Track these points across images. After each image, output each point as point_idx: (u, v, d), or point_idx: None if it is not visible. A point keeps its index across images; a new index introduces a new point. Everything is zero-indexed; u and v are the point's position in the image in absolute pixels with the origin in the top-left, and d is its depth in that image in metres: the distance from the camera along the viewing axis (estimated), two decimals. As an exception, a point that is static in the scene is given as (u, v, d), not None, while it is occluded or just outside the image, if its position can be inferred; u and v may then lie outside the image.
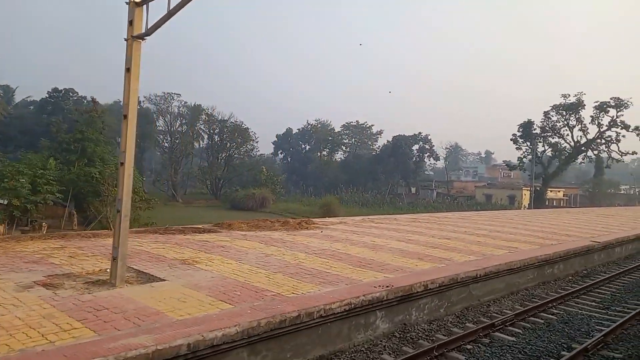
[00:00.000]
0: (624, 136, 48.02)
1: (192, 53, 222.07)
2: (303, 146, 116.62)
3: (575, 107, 48.41)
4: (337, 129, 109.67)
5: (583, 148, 49.66)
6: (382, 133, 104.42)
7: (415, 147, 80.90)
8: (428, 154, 79.53)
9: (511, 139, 52.11)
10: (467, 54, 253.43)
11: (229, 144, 68.93)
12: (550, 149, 50.92)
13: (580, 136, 49.77)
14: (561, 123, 49.61)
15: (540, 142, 50.69)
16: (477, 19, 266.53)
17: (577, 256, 14.48)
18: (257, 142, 73.56)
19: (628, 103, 47.03)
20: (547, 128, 50.11)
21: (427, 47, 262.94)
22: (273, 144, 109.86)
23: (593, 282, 12.90)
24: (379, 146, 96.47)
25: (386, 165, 77.34)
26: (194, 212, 47.20)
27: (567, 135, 50.00)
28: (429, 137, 78.95)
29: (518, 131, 51.38)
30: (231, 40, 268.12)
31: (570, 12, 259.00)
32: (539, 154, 50.08)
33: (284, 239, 12.85)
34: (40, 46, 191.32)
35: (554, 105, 50.69)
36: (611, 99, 47.99)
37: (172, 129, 65.16)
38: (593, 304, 10.81)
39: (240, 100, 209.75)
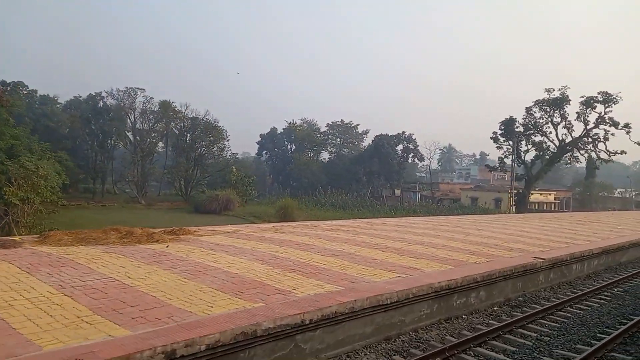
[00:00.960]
0: (612, 134, 44.59)
1: (178, 49, 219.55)
2: (289, 146, 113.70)
3: (559, 103, 44.85)
4: (324, 129, 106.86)
5: (568, 147, 46.05)
6: (368, 133, 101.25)
7: (400, 147, 77.62)
8: (412, 154, 76.11)
9: (491, 138, 48.68)
10: (465, 54, 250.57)
11: (199, 143, 65.53)
12: (533, 149, 47.49)
13: (565, 134, 46.49)
14: (544, 120, 46.27)
15: (523, 140, 47.17)
16: (476, 19, 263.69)
17: (511, 278, 11.11)
18: (227, 141, 70.21)
19: (617, 98, 43.60)
20: (530, 125, 46.50)
21: (425, 47, 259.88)
22: (257, 143, 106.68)
23: (520, 316, 9.53)
24: (365, 146, 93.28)
25: (368, 166, 73.98)
26: (135, 215, 43.67)
27: (551, 133, 46.69)
28: (413, 137, 75.66)
29: (500, 129, 47.91)
30: (224, 38, 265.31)
31: (570, 11, 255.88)
32: (521, 153, 46.69)
33: (59, 259, 9.45)
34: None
35: (536, 100, 47.38)
36: (599, 93, 44.50)
37: (135, 126, 61.75)
38: (500, 357, 7.45)
39: (234, 100, 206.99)
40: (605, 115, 43.87)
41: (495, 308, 10.42)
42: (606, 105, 43.74)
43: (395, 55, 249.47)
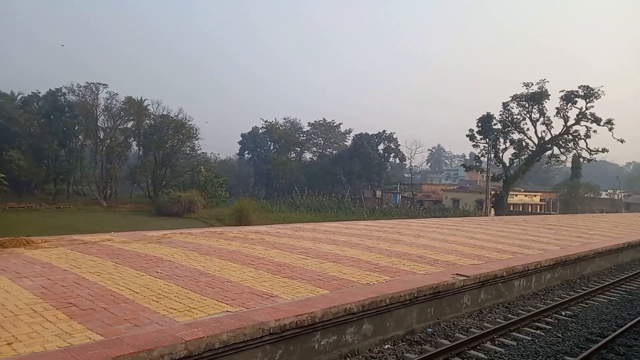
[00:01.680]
0: (594, 131, 42.22)
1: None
2: (272, 146, 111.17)
3: (538, 98, 42.42)
4: (307, 128, 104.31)
5: (548, 145, 43.58)
6: (350, 132, 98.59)
7: (381, 147, 75.10)
8: (393, 154, 73.63)
9: (468, 136, 46.10)
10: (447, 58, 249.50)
11: (168, 142, 62.64)
12: (512, 147, 45.01)
13: (544, 131, 43.99)
14: (522, 116, 43.61)
15: (501, 138, 44.63)
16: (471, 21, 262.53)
17: (417, 303, 8.56)
18: (197, 140, 67.32)
19: (599, 93, 41.21)
20: (508, 122, 43.99)
21: (407, 49, 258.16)
22: (239, 143, 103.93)
23: (406, 363, 6.98)
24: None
25: (347, 167, 71.38)
26: (85, 218, 40.91)
27: (528, 130, 44.18)
28: (394, 136, 73.17)
29: (477, 126, 45.44)
30: (211, 40, 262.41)
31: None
32: (499, 152, 44.20)
33: None
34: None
35: (514, 95, 44.68)
36: (579, 87, 41.96)
37: (97, 124, 58.76)
38: None
39: (222, 103, 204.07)
40: (586, 111, 41.61)
41: (387, 346, 7.86)
42: (587, 100, 41.35)
43: (382, 56, 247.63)
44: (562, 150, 43.19)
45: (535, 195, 65.83)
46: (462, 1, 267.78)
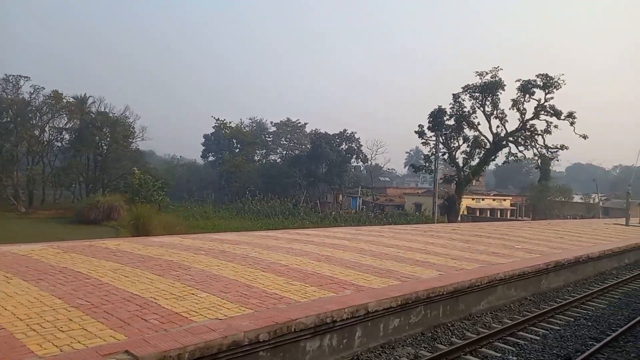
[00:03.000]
0: (556, 126, 37.58)
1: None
2: (238, 148, 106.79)
3: (492, 88, 37.88)
4: (273, 129, 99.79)
5: (504, 142, 38.99)
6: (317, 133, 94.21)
7: (344, 147, 70.47)
8: (355, 155, 69.07)
9: (416, 132, 41.31)
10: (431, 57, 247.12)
11: (100, 142, 57.40)
12: (465, 145, 40.41)
13: (499, 126, 39.27)
14: (472, 109, 38.99)
15: (454, 134, 39.97)
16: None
17: None
18: (139, 139, 62.28)
19: (559, 82, 36.86)
20: (459, 117, 39.15)
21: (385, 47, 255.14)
22: (202, 145, 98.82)
23: None
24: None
25: (304, 169, 66.70)
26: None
27: (479, 124, 39.52)
28: (356, 135, 68.61)
29: (428, 121, 40.75)
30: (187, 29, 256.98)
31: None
32: (452, 150, 39.54)
33: None
34: None
35: (466, 86, 39.69)
36: (538, 76, 37.37)
37: (17, 120, 53.29)
38: None
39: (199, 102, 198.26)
40: (545, 103, 37.15)
41: None
42: (547, 90, 36.91)
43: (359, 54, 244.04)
44: (520, 147, 38.73)
45: (505, 200, 61.56)
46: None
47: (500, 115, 37.97)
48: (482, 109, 38.23)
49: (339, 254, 12.61)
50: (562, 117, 36.68)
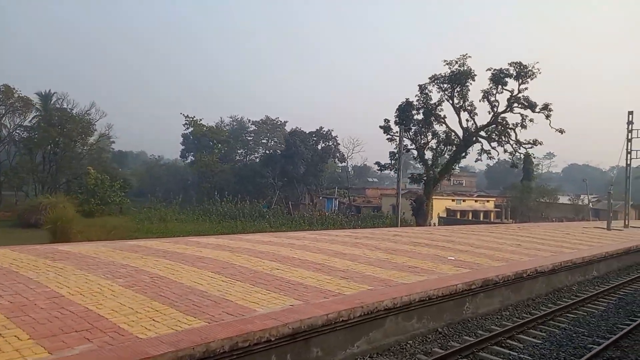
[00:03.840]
0: (531, 120, 34.33)
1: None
2: (218, 147, 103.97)
3: (461, 79, 34.73)
4: (253, 127, 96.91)
5: (474, 138, 35.73)
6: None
7: (321, 145, 67.38)
8: (332, 154, 65.96)
9: (381, 127, 37.89)
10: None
11: (56, 139, 54.10)
12: (434, 140, 37.10)
13: (468, 120, 35.98)
14: (437, 101, 35.70)
15: (424, 130, 36.69)
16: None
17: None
18: (105, 137, 59.09)
19: (534, 71, 33.76)
20: (427, 110, 35.82)
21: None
22: (182, 144, 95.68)
23: None
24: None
25: (278, 168, 63.57)
26: None
27: (445, 118, 36.17)
28: (333, 134, 65.51)
29: (395, 116, 37.41)
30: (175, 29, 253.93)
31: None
32: (421, 147, 36.27)
33: None
34: None
35: (433, 76, 35.85)
36: (511, 65, 33.83)
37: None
38: None
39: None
40: (519, 95, 34.00)
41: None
42: (520, 80, 33.80)
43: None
44: (493, 144, 35.54)
45: (488, 201, 58.56)
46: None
47: (469, 107, 34.89)
48: (450, 101, 35.10)
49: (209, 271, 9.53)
50: (537, 110, 33.63)
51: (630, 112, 32.49)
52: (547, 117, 33.36)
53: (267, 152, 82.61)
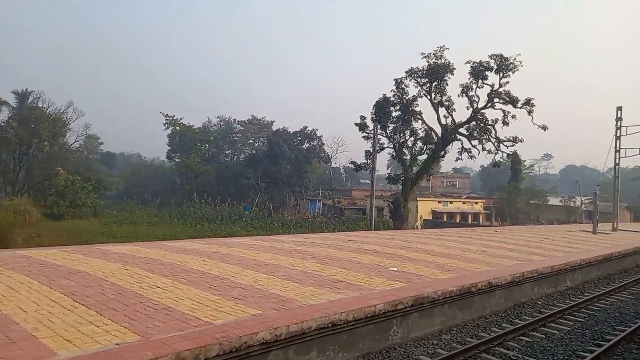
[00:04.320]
0: (513, 116, 32.25)
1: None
2: (205, 148, 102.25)
3: (439, 73, 32.86)
4: (241, 127, 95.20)
5: (453, 136, 33.66)
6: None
7: (306, 146, 65.50)
8: (316, 154, 64.09)
9: (357, 124, 35.85)
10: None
11: (28, 138, 52.12)
12: (413, 138, 34.98)
13: (446, 116, 33.96)
14: (412, 97, 33.53)
15: (403, 127, 34.57)
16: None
17: None
18: (82, 137, 57.25)
19: (515, 64, 31.97)
20: (404, 106, 33.63)
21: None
22: (168, 145, 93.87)
23: None
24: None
25: (260, 169, 61.67)
26: None
27: (421, 114, 34.00)
28: (317, 133, 63.65)
29: (372, 113, 35.25)
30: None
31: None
32: (398, 146, 34.22)
33: None
34: None
35: (410, 69, 33.39)
36: (491, 57, 31.70)
37: None
38: None
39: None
40: (500, 89, 32.08)
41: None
42: (502, 74, 31.85)
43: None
44: (473, 141, 33.45)
45: (476, 203, 56.78)
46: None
47: (447, 103, 32.91)
48: (428, 96, 33.16)
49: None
50: (519, 105, 31.77)
51: (619, 108, 30.79)
52: (530, 112, 31.53)
53: (252, 152, 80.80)
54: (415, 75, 33.03)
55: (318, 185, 72.64)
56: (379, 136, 34.23)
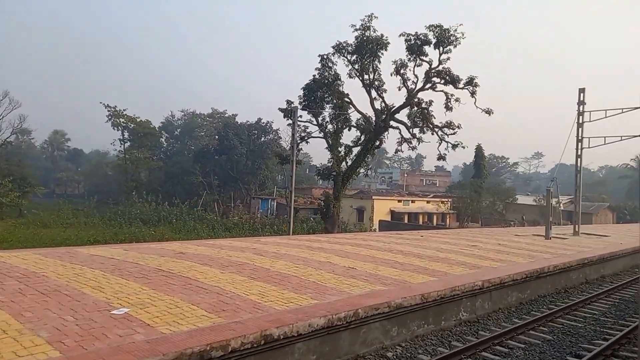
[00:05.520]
0: (457, 99, 27.51)
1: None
2: (171, 143, 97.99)
3: (371, 48, 28.20)
4: (202, 122, 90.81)
5: (390, 123, 28.74)
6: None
7: (262, 140, 60.81)
8: (272, 149, 59.34)
9: (281, 110, 30.33)
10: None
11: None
12: (345, 128, 30.03)
13: (376, 98, 28.80)
14: (333, 75, 28.55)
15: (336, 113, 29.76)
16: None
17: None
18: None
19: (457, 35, 26.90)
20: (329, 86, 28.78)
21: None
22: (120, 140, 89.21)
23: None
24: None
25: (210, 165, 56.96)
26: None
27: (348, 95, 29.37)
28: (273, 126, 58.92)
29: (300, 97, 30.20)
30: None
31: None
32: (329, 135, 29.52)
33: None
34: None
35: (337, 44, 28.03)
36: (429, 29, 26.69)
37: None
38: None
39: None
40: (439, 66, 27.40)
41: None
42: (442, 48, 27.21)
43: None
44: (412, 130, 28.68)
45: (442, 202, 52.44)
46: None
47: (377, 83, 28.16)
48: (360, 77, 28.49)
49: None
50: (461, 86, 27.21)
51: (582, 90, 26.51)
52: (473, 94, 27.01)
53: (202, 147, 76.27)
54: (344, 52, 28.36)
55: (285, 183, 67.96)
56: (307, 124, 29.56)
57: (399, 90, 27.77)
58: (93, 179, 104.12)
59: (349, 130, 30.03)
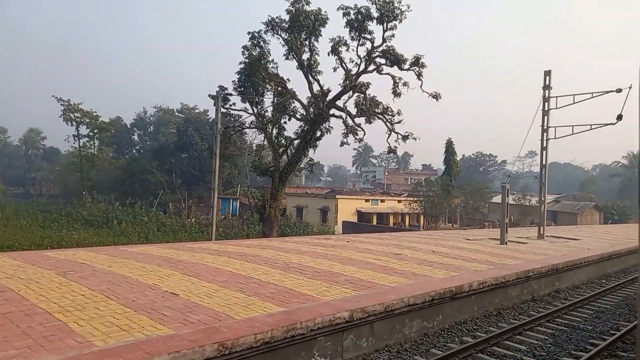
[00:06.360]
0: (405, 83, 24.54)
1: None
2: (144, 140, 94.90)
3: (307, 25, 24.68)
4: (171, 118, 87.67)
5: (330, 112, 25.45)
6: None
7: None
8: (235, 145, 55.85)
9: (211, 97, 26.75)
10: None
11: None
12: (285, 118, 26.80)
13: (311, 82, 25.27)
14: (263, 53, 25.47)
15: (273, 100, 26.38)
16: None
17: None
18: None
19: (402, 9, 23.63)
20: (259, 67, 25.27)
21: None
22: (75, 136, 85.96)
23: None
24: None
25: (167, 163, 53.56)
26: None
27: (288, 81, 25.91)
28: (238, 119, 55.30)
29: (235, 82, 26.62)
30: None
31: None
32: (268, 126, 26.19)
33: None
34: None
35: (270, 20, 24.76)
36: (372, 1, 23.38)
37: None
38: None
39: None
40: (383, 45, 24.10)
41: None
42: (385, 24, 23.97)
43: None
44: (358, 119, 25.36)
45: (416, 201, 49.20)
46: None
47: (313, 64, 24.82)
48: (296, 58, 25.06)
49: None
50: (406, 67, 23.96)
51: (547, 72, 23.40)
52: (419, 76, 23.82)
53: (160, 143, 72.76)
54: (278, 28, 25.01)
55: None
56: (242, 112, 26.24)
57: (334, 71, 24.50)
58: (64, 178, 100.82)
59: (289, 120, 26.72)
